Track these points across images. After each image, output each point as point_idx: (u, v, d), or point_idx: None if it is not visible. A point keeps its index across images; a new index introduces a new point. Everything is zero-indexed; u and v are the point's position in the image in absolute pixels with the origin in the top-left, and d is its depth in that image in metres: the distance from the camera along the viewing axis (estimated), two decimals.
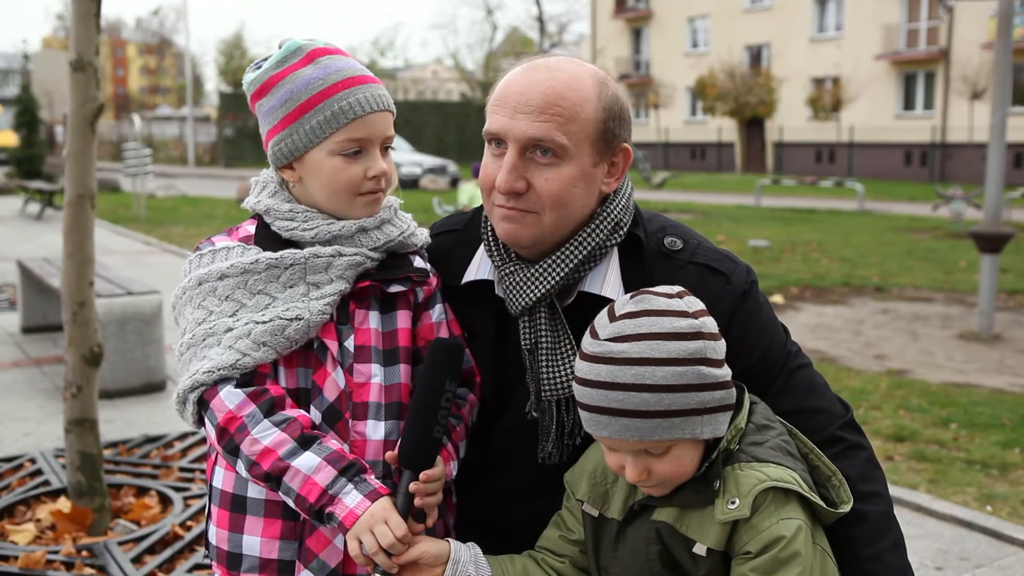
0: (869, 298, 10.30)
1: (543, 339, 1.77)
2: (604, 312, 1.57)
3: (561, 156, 1.70)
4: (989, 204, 8.19)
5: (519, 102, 1.70)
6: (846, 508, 1.59)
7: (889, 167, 37.18)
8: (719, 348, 1.54)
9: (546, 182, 1.71)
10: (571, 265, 1.76)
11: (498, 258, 1.82)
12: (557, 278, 1.76)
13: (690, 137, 45.39)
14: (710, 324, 1.54)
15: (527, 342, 1.78)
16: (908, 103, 38.03)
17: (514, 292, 1.78)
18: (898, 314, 9.41)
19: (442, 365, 1.64)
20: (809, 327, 8.67)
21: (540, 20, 58.00)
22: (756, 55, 42.88)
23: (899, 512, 1.78)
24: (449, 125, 46.83)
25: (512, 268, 1.79)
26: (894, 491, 4.28)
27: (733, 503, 1.49)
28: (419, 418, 1.62)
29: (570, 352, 1.76)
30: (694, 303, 1.56)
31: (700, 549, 1.51)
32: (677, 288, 1.59)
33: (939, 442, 5.19)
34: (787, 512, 1.50)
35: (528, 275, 1.77)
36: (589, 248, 1.77)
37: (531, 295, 1.76)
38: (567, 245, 1.77)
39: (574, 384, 1.57)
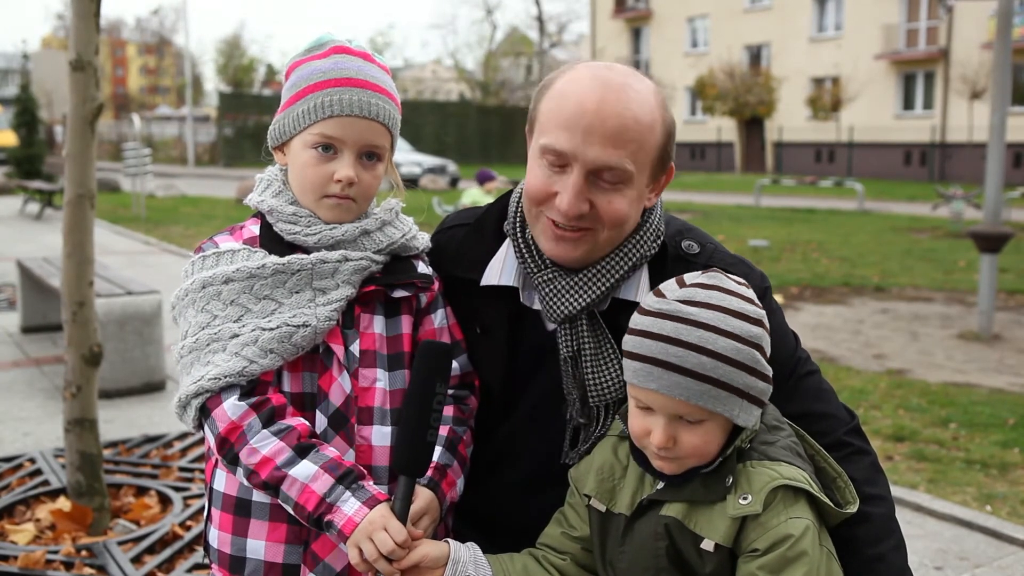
0: (869, 298, 10.30)
1: (586, 347, 1.76)
2: (671, 280, 1.59)
3: (626, 182, 1.69)
4: (989, 204, 8.19)
5: (593, 124, 1.64)
6: (852, 509, 1.59)
7: (889, 167, 37.19)
8: (769, 346, 1.57)
9: (609, 204, 1.69)
10: (618, 275, 1.76)
11: (532, 264, 1.80)
12: (603, 288, 1.75)
13: (690, 137, 45.37)
14: (767, 321, 1.58)
15: (568, 350, 1.77)
16: (908, 103, 38.05)
17: (554, 300, 1.76)
18: (898, 314, 9.41)
19: (432, 368, 1.62)
20: (809, 327, 8.67)
21: (540, 20, 58.00)
22: (756, 55, 42.89)
23: (899, 512, 1.79)
24: (449, 125, 46.83)
25: (550, 275, 1.77)
26: (894, 491, 4.26)
27: (745, 499, 1.50)
28: (412, 423, 1.61)
29: (613, 357, 1.76)
30: (755, 297, 1.60)
31: (708, 545, 1.52)
32: (742, 280, 1.62)
33: (939, 442, 5.19)
34: (796, 511, 1.51)
35: (570, 284, 1.76)
36: (635, 259, 1.77)
37: (575, 304, 1.75)
38: (613, 255, 1.77)
39: (627, 337, 1.57)
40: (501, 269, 1.85)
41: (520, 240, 1.82)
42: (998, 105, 8.02)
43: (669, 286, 1.57)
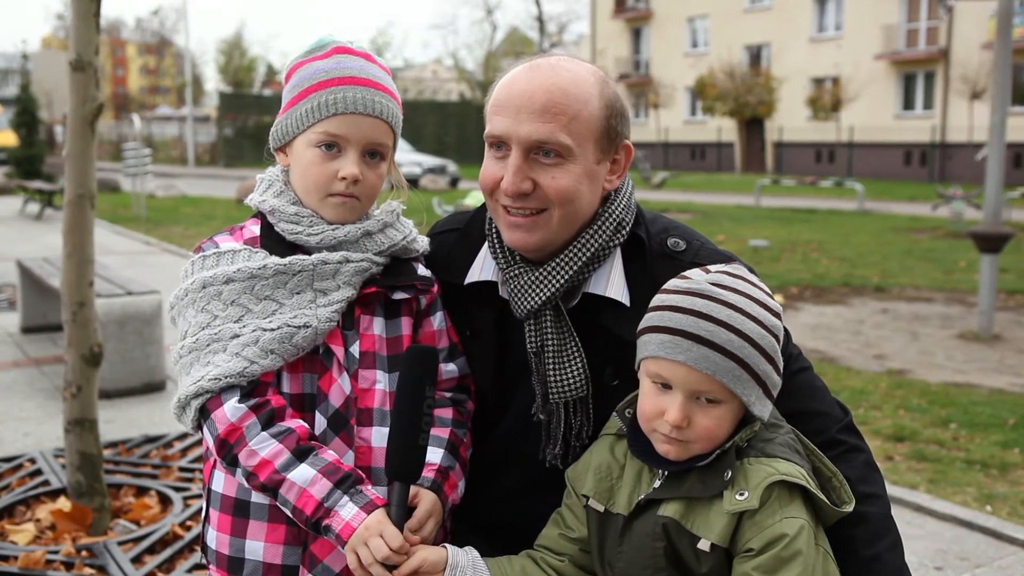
0: (869, 298, 10.30)
1: (549, 342, 1.76)
2: (695, 270, 1.62)
3: (565, 156, 1.71)
4: (989, 204, 8.19)
5: (522, 103, 1.69)
6: (849, 508, 1.59)
7: (889, 167, 37.17)
8: (783, 342, 1.61)
9: (553, 180, 1.71)
10: (576, 266, 1.76)
11: (503, 261, 1.82)
12: (563, 280, 1.76)
13: (690, 137, 45.37)
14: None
15: (533, 345, 1.78)
16: (908, 103, 38.03)
17: (520, 295, 1.78)
18: (898, 314, 9.41)
19: (420, 372, 1.62)
20: (809, 327, 8.66)
21: (540, 20, 58.00)
22: (756, 55, 42.88)
23: (899, 512, 1.79)
24: (449, 125, 46.83)
25: (518, 271, 1.79)
26: (894, 491, 4.27)
27: (742, 495, 1.50)
28: (404, 428, 1.60)
29: (576, 354, 1.76)
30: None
31: (704, 545, 1.52)
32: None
33: (939, 442, 5.19)
34: (791, 511, 1.51)
35: (533, 278, 1.77)
36: (593, 249, 1.77)
37: (537, 298, 1.76)
38: (571, 247, 1.77)
39: (650, 314, 1.58)
40: (482, 266, 1.87)
41: (495, 237, 1.85)
42: (998, 105, 8.02)
43: (694, 273, 1.61)
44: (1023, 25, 25.53)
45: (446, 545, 1.67)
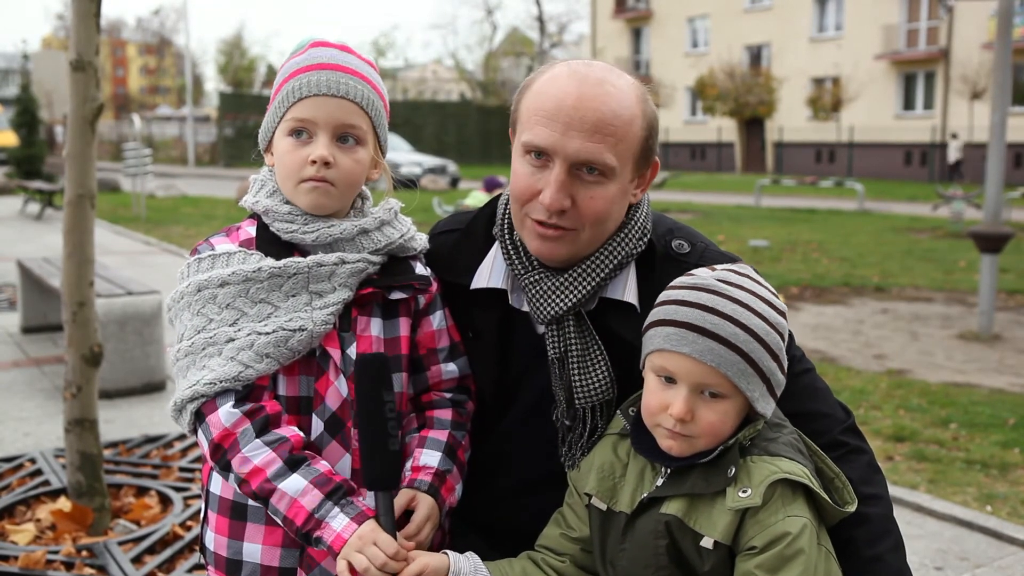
0: (869, 298, 10.30)
1: (573, 348, 1.75)
2: (700, 269, 1.64)
3: (608, 175, 1.70)
4: (989, 204, 8.19)
5: (572, 118, 1.66)
6: (851, 508, 1.59)
7: (889, 167, 37.18)
8: (787, 341, 1.62)
9: (591, 200, 1.70)
10: (603, 274, 1.76)
11: (520, 266, 1.80)
12: (589, 287, 1.75)
13: (690, 137, 45.37)
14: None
15: (556, 351, 1.76)
16: (908, 103, 38.04)
17: (541, 301, 1.76)
18: (898, 314, 9.41)
19: (373, 380, 1.60)
20: (809, 327, 8.66)
21: (540, 20, 58.01)
22: (756, 55, 42.87)
23: (899, 512, 1.79)
24: (449, 125, 46.83)
25: (538, 276, 1.77)
26: (894, 491, 4.27)
27: (745, 492, 1.50)
28: (372, 438, 1.59)
29: (600, 358, 1.75)
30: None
31: (707, 543, 1.52)
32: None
33: (939, 442, 5.19)
34: (793, 509, 1.51)
35: (557, 284, 1.75)
36: (620, 257, 1.77)
37: (561, 304, 1.74)
38: (597, 254, 1.76)
39: (657, 309, 1.59)
40: (490, 272, 1.85)
41: (508, 242, 1.82)
42: (998, 105, 8.02)
43: (700, 271, 1.62)
44: (1023, 25, 25.53)
45: (447, 552, 1.67)
